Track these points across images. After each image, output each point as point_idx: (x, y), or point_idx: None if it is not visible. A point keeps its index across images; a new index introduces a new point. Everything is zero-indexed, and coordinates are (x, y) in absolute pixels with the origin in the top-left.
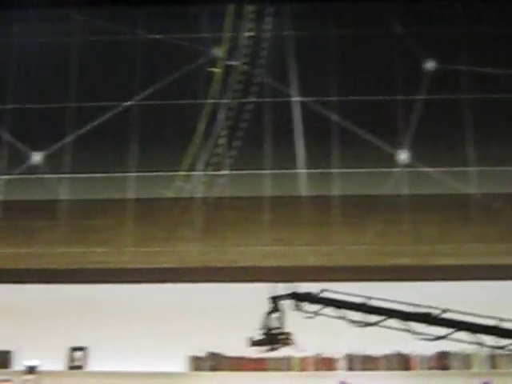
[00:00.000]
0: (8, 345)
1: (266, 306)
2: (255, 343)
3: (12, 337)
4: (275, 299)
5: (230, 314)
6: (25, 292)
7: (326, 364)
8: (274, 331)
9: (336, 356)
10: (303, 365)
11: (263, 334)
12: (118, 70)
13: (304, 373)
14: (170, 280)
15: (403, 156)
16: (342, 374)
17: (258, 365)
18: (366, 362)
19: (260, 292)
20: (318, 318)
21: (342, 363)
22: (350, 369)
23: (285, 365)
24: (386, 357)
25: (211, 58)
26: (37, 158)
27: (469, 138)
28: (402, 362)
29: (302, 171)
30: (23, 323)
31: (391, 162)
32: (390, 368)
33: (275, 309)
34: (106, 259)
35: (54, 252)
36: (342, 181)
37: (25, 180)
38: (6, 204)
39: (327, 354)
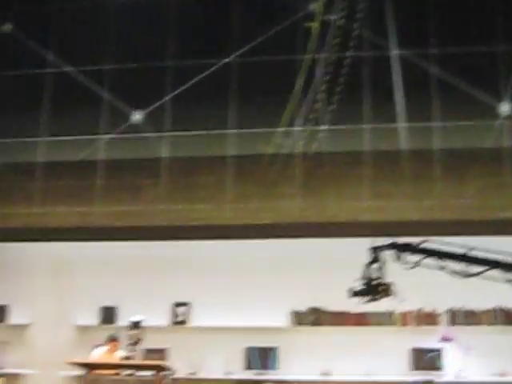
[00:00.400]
0: (114, 301)
1: (367, 259)
2: (356, 293)
3: (118, 293)
4: (375, 249)
5: (331, 268)
6: (130, 249)
7: (427, 318)
8: (374, 282)
9: (438, 311)
10: (405, 319)
11: (364, 284)
12: (216, 27)
13: (406, 327)
14: (270, 235)
15: (505, 108)
16: (443, 328)
17: (359, 319)
18: (469, 317)
19: (361, 246)
20: (420, 273)
21: (444, 318)
22: (452, 323)
23: (387, 319)
24: (489, 311)
25: (308, 13)
26: (137, 116)
27: None
28: (505, 317)
29: (402, 125)
30: (128, 280)
31: (493, 114)
32: (492, 323)
33: (375, 259)
34: (208, 216)
35: (157, 209)
36: (443, 134)
37: (126, 139)
38: (108, 163)
39: (429, 308)
